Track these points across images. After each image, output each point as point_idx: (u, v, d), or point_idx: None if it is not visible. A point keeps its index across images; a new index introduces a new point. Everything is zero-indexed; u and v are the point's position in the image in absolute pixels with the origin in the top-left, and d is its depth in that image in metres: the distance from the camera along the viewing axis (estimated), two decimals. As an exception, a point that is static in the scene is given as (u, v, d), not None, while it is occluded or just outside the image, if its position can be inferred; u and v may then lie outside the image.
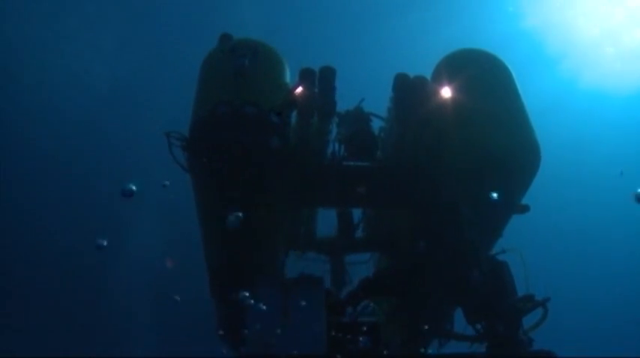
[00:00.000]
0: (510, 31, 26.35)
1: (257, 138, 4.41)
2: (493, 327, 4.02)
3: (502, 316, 3.99)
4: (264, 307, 4.20)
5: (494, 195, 4.42)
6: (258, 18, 24.09)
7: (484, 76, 4.96)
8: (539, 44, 26.72)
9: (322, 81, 5.01)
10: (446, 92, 4.84)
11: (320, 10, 25.38)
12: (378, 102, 5.80)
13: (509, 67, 5.13)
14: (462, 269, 4.28)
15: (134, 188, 5.46)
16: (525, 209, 4.59)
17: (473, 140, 4.58)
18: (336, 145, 5.40)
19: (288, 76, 5.11)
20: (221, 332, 5.82)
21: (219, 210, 4.82)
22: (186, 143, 4.62)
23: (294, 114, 4.97)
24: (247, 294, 5.31)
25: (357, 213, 6.02)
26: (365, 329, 4.21)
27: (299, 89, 4.75)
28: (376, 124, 5.68)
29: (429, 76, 5.30)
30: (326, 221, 6.18)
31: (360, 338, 4.20)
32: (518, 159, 4.55)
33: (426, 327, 5.01)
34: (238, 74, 4.65)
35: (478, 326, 4.28)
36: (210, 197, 4.83)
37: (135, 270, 25.68)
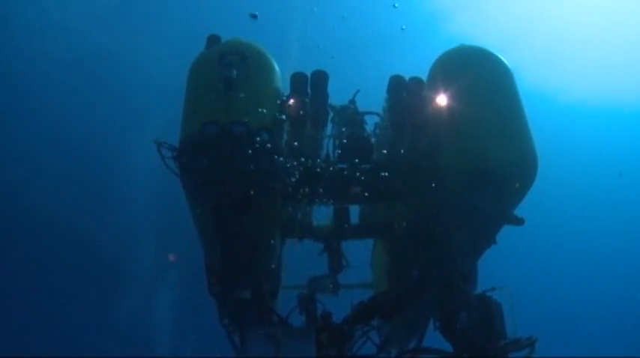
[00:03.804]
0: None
1: (247, 159, 4.33)
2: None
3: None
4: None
5: None
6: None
7: (482, 78, 4.73)
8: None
9: (314, 87, 4.87)
10: (441, 98, 4.67)
11: None
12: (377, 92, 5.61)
13: (510, 67, 4.91)
14: (450, 308, 4.33)
15: None
16: (520, 222, 4.56)
17: (468, 150, 4.46)
18: (330, 146, 5.31)
19: (279, 79, 4.93)
20: (225, 322, 5.97)
21: (212, 220, 4.86)
22: (177, 155, 4.57)
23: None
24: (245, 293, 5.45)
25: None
26: None
27: (290, 101, 4.62)
28: (372, 119, 5.56)
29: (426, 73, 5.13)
30: (322, 209, 6.20)
31: None
32: (515, 172, 4.45)
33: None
34: (227, 86, 4.50)
35: None
36: (203, 210, 4.82)
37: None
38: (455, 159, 4.52)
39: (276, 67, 4.91)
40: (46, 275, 26.24)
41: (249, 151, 4.31)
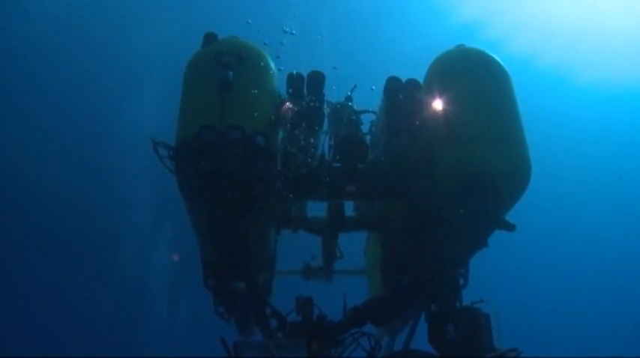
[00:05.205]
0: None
1: (243, 164, 4.35)
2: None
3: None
4: None
5: None
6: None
7: (478, 82, 4.71)
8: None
9: (310, 89, 4.85)
10: (437, 102, 4.66)
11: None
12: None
13: (507, 70, 4.88)
14: (438, 320, 4.43)
15: None
16: (511, 228, 4.60)
17: (461, 156, 4.47)
18: (326, 144, 5.32)
19: (276, 79, 4.90)
20: (220, 311, 6.10)
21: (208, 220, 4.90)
22: (173, 154, 4.59)
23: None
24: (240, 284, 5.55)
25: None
26: None
27: (286, 105, 4.62)
28: (367, 117, 5.57)
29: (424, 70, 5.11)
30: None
31: None
32: (508, 180, 4.47)
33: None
34: (223, 88, 4.48)
35: None
36: (198, 211, 4.86)
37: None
38: (448, 164, 4.54)
39: (273, 67, 4.88)
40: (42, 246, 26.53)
41: (245, 156, 4.33)
